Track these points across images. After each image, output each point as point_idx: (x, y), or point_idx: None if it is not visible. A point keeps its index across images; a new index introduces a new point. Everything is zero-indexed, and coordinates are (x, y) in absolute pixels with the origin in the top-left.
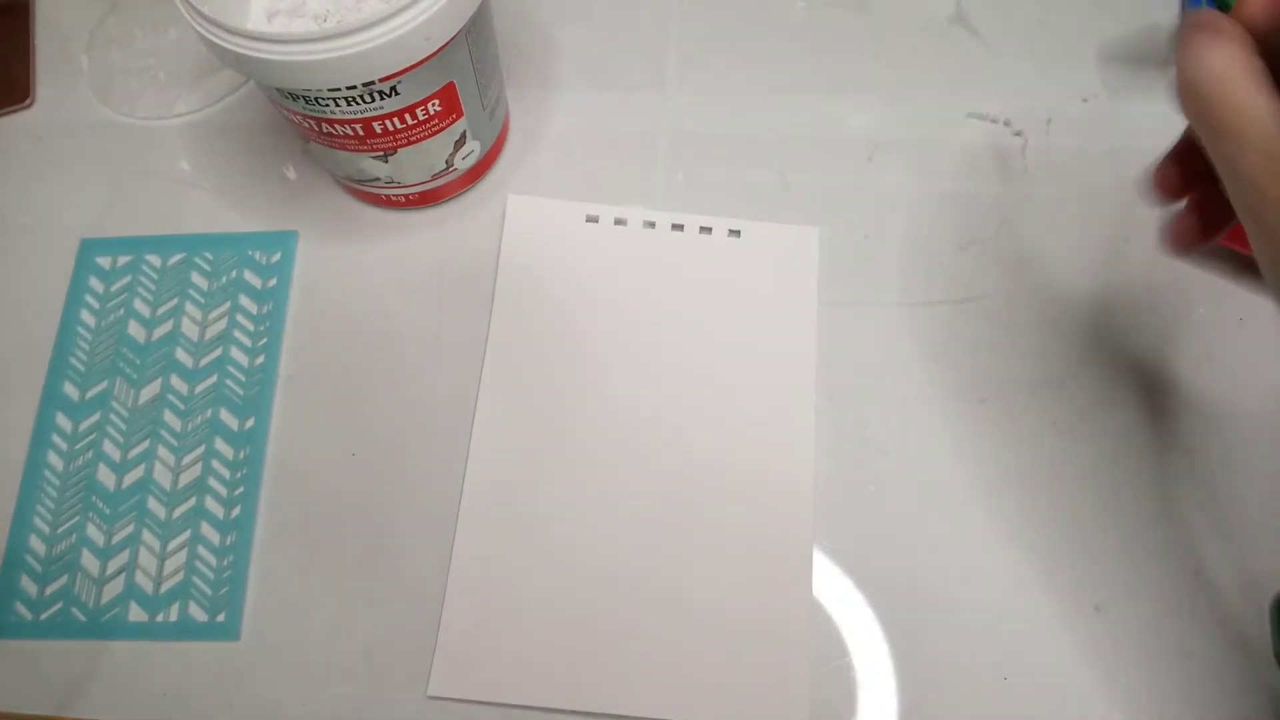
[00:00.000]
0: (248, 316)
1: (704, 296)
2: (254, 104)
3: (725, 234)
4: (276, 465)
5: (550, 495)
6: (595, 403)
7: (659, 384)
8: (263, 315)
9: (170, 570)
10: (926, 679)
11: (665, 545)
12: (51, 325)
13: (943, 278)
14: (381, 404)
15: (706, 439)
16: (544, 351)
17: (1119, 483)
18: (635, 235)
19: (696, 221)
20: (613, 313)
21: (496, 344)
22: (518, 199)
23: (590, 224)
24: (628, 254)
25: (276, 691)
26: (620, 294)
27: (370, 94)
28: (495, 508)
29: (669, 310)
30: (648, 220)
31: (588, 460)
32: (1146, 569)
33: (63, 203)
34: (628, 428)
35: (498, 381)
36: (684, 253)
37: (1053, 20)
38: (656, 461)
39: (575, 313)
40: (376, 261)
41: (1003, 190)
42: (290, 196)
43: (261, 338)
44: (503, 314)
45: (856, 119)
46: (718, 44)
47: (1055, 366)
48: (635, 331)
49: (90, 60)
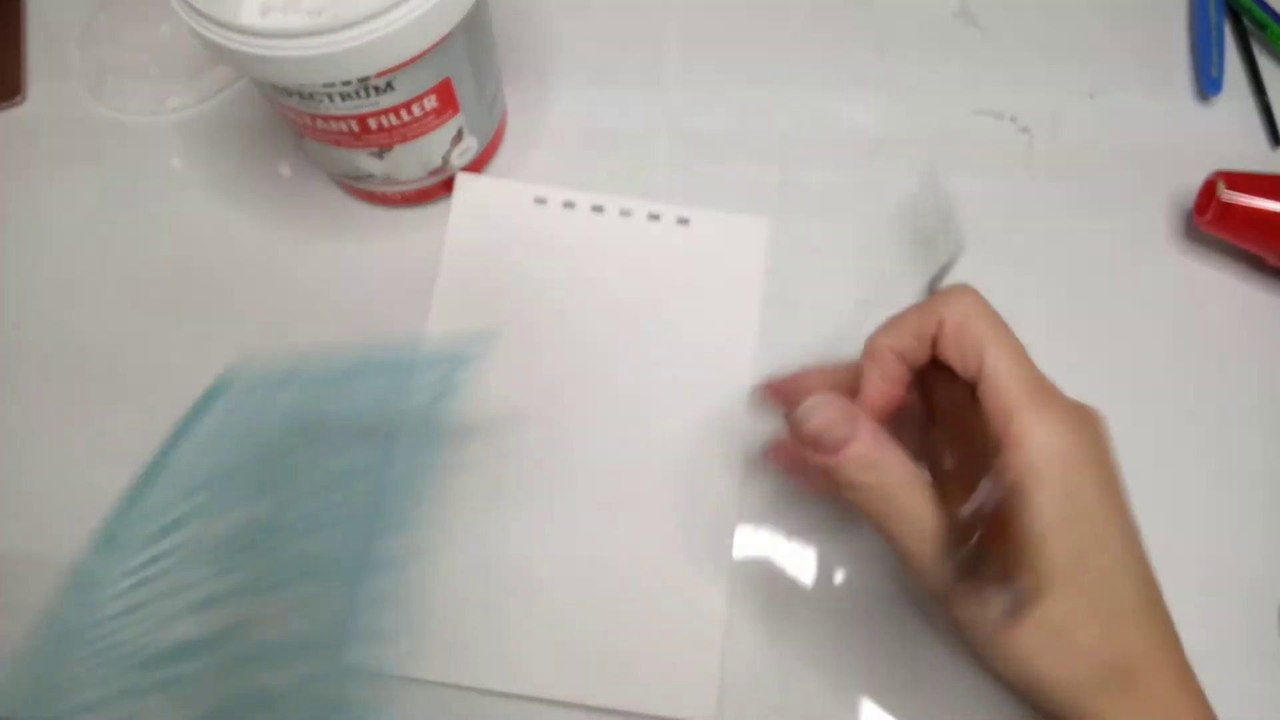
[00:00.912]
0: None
1: (643, 283)
2: (248, 100)
3: (674, 222)
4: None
5: (486, 483)
6: (530, 386)
7: (592, 368)
8: None
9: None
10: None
11: (598, 528)
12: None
13: (947, 277)
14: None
15: (641, 423)
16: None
17: (1125, 484)
18: (581, 219)
19: (645, 208)
20: (551, 296)
21: (437, 324)
22: (466, 177)
23: (538, 206)
24: (571, 238)
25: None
26: (559, 278)
27: (365, 89)
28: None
29: (605, 296)
30: (595, 204)
31: (520, 446)
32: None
33: (53, 200)
34: (563, 412)
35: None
36: (627, 238)
37: (1059, 14)
38: (592, 444)
39: (514, 295)
40: (373, 260)
41: (1008, 187)
42: (284, 194)
43: None
44: (445, 292)
45: (859, 115)
46: (718, 39)
47: (1060, 367)
48: (574, 316)
49: (82, 56)
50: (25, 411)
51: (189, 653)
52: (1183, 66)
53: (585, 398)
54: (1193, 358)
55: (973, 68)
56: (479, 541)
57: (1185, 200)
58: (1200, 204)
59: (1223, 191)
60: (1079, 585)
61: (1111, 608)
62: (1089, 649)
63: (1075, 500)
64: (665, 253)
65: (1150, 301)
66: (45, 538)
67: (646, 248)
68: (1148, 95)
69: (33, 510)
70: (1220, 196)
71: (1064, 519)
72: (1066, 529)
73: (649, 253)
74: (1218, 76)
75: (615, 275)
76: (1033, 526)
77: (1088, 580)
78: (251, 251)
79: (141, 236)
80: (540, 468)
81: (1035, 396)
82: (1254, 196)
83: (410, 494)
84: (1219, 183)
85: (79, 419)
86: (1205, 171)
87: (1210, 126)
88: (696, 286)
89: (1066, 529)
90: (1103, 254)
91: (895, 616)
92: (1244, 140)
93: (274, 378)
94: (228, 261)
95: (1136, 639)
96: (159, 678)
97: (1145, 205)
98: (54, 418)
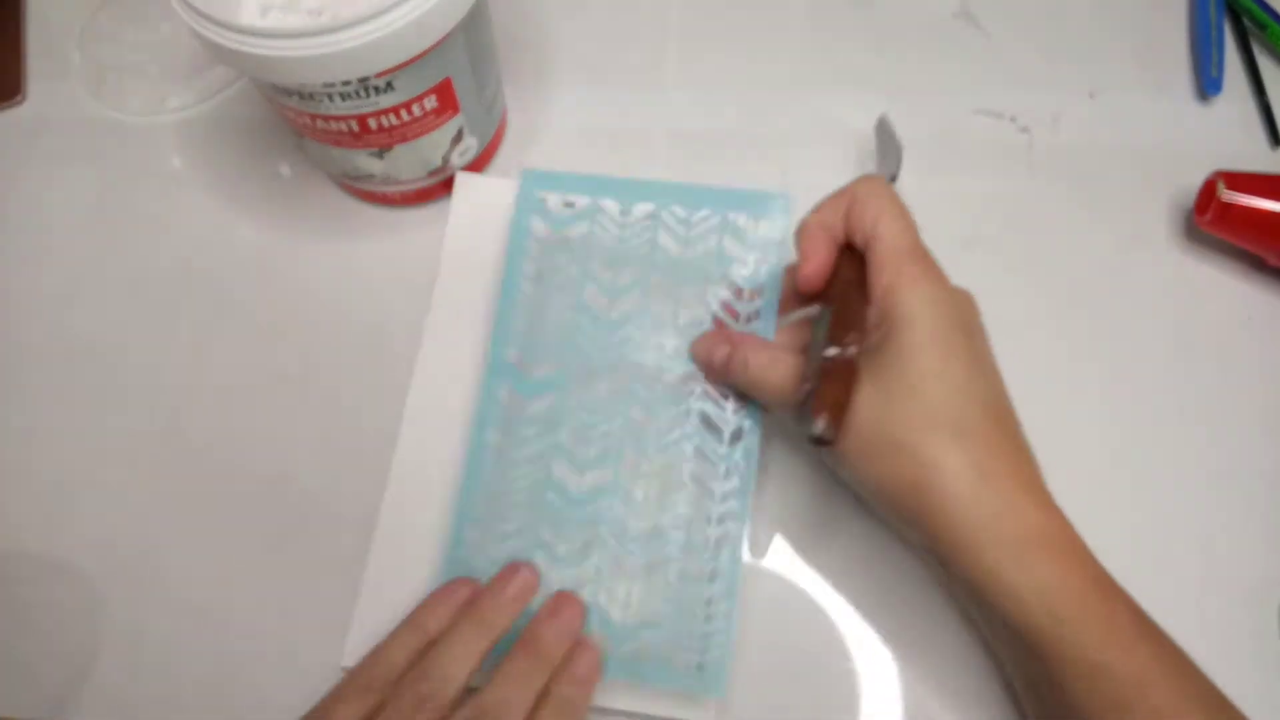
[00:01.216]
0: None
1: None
2: (247, 100)
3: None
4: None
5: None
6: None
7: (593, 363)
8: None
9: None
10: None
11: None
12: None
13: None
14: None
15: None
16: (477, 334)
17: (1125, 485)
18: (582, 219)
19: (646, 207)
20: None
21: (437, 322)
22: (465, 177)
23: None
24: (572, 237)
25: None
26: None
27: (365, 89)
28: (420, 499)
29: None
30: (597, 204)
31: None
32: (1154, 572)
33: (53, 199)
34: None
35: (433, 366)
36: (628, 237)
37: (1059, 14)
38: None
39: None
40: (373, 260)
41: (1008, 187)
42: (284, 194)
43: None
44: (444, 292)
45: (858, 116)
46: (717, 38)
47: (1060, 367)
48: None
49: (82, 56)
50: (25, 411)
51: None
52: (1183, 66)
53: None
54: (1193, 357)
55: (973, 68)
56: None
57: (1185, 200)
58: (1200, 204)
59: (1223, 191)
60: (924, 402)
61: (958, 420)
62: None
63: (940, 340)
64: (661, 252)
65: (1150, 301)
66: (46, 538)
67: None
68: (1148, 95)
69: (33, 510)
70: (1220, 196)
71: (930, 352)
72: (930, 357)
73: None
74: (1218, 76)
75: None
76: (899, 361)
77: (934, 395)
78: (251, 251)
79: (141, 236)
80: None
81: (914, 257)
82: (1254, 196)
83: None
84: (1219, 183)
85: (79, 419)
86: (1205, 171)
87: (1210, 126)
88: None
89: (930, 357)
90: (1103, 253)
91: (896, 617)
92: (1244, 140)
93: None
94: (227, 261)
95: (978, 447)
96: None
97: (1145, 205)
98: (54, 418)
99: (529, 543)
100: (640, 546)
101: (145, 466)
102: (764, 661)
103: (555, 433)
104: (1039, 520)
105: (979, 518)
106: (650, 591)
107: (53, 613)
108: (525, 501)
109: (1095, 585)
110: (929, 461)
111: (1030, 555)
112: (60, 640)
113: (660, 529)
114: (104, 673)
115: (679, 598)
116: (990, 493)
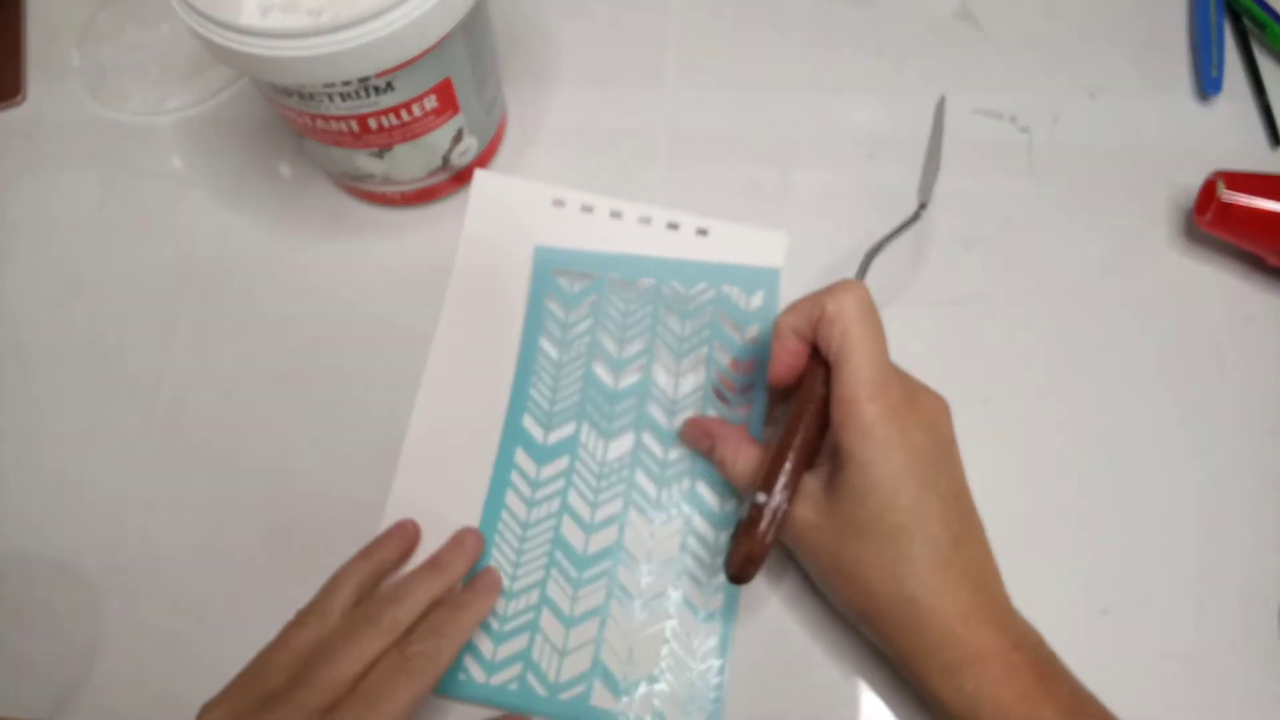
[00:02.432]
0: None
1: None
2: (248, 100)
3: (693, 232)
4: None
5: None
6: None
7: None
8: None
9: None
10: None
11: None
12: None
13: (946, 277)
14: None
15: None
16: (492, 333)
17: (1125, 485)
18: (600, 225)
19: (664, 217)
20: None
21: (451, 318)
22: (484, 175)
23: (556, 208)
24: (587, 243)
25: None
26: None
27: (365, 89)
28: (427, 499)
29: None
30: (614, 210)
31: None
32: (1154, 573)
33: (53, 200)
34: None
35: (445, 364)
36: (646, 247)
37: (1059, 14)
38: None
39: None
40: (373, 260)
41: (1008, 187)
42: (284, 194)
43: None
44: (459, 287)
45: (858, 116)
46: (718, 40)
47: (1061, 367)
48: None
49: (82, 56)
50: (26, 411)
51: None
52: (1183, 66)
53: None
54: (1192, 357)
55: (973, 68)
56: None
57: (1185, 200)
58: (1200, 204)
59: (1222, 191)
60: (869, 539)
61: (906, 561)
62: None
63: (887, 488)
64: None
65: (1150, 301)
66: (45, 538)
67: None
68: (1147, 95)
69: (33, 510)
70: (1220, 196)
71: (879, 497)
72: (879, 503)
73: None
74: (1218, 76)
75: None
76: (850, 501)
77: (882, 541)
78: (251, 251)
79: (141, 236)
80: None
81: (874, 394)
82: (1254, 196)
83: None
84: (1219, 183)
85: (79, 419)
86: (1205, 171)
87: (1210, 126)
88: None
89: (879, 503)
90: (1103, 253)
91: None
92: (1244, 140)
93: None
94: (227, 261)
95: (915, 586)
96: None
97: (1145, 205)
98: (54, 418)
99: (535, 600)
100: (642, 605)
101: (145, 466)
102: (757, 677)
103: (565, 495)
104: (977, 647)
105: (921, 647)
106: (651, 648)
107: (53, 613)
108: (533, 561)
109: (1021, 699)
110: (877, 595)
111: (962, 675)
112: (60, 640)
113: (661, 589)
114: (104, 673)
115: (676, 655)
116: (931, 629)
